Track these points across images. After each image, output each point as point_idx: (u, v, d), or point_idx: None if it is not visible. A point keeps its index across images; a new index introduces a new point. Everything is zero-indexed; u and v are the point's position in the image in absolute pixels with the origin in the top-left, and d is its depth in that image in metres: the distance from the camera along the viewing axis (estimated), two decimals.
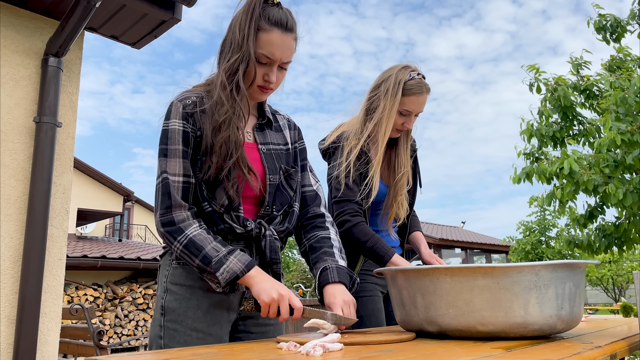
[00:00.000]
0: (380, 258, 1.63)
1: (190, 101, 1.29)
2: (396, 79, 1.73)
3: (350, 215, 1.69)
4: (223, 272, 1.16)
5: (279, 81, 1.32)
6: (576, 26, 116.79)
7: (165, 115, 1.30)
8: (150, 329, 1.29)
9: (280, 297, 1.14)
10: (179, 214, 1.22)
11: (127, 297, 10.19)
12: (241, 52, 1.24)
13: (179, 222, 1.21)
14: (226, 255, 1.18)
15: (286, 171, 1.38)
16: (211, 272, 1.17)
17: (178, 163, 1.24)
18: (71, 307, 3.85)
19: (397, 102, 1.72)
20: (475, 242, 18.67)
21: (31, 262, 2.34)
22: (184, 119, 1.26)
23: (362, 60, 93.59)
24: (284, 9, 1.28)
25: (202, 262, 1.18)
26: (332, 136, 1.85)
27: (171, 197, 1.22)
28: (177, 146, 1.25)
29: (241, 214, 1.28)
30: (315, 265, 1.36)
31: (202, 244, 1.19)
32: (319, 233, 1.41)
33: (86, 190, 16.41)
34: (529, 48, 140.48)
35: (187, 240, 1.19)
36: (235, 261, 1.17)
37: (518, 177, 5.17)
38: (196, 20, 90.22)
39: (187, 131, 1.26)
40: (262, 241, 1.29)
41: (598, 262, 1.19)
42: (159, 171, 1.26)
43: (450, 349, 0.91)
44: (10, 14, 2.52)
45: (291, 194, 1.39)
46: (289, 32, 1.27)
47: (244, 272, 1.17)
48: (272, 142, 1.39)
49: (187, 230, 1.20)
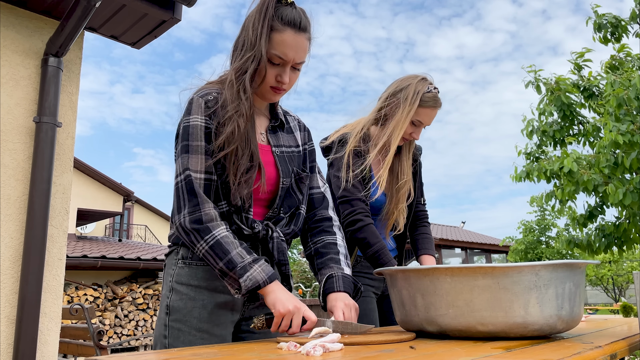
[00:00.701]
0: (380, 266, 1.65)
1: (211, 97, 1.27)
2: (415, 89, 1.76)
3: (363, 215, 1.71)
4: (246, 279, 1.14)
5: (292, 82, 1.30)
6: (576, 26, 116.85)
7: (185, 111, 1.27)
8: (155, 329, 1.28)
9: (295, 310, 1.13)
10: (208, 213, 1.19)
11: (127, 297, 10.19)
12: (253, 51, 1.23)
13: (207, 221, 1.19)
14: (251, 263, 1.16)
15: (298, 174, 1.37)
16: (233, 277, 1.15)
17: (200, 160, 1.22)
18: (71, 307, 3.85)
19: (414, 110, 1.76)
20: (475, 242, 18.67)
21: (31, 262, 2.34)
22: (207, 115, 1.24)
23: (362, 60, 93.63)
24: (297, 9, 1.27)
25: (227, 266, 1.15)
26: (335, 135, 1.85)
27: (198, 194, 1.20)
28: (199, 142, 1.23)
29: (250, 216, 1.27)
30: (320, 270, 1.36)
31: (228, 248, 1.17)
32: (325, 238, 1.40)
33: (86, 190, 16.41)
34: (529, 48, 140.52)
35: (214, 242, 1.17)
36: (259, 270, 1.16)
37: (519, 176, 5.17)
38: (196, 20, 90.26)
39: (209, 127, 1.24)
40: (269, 243, 1.29)
41: (598, 262, 1.19)
42: (180, 168, 1.23)
43: (450, 349, 0.91)
44: (10, 14, 2.52)
45: (300, 197, 1.38)
46: (302, 32, 1.25)
47: (266, 283, 1.15)
48: (285, 145, 1.38)
49: (214, 230, 1.18)
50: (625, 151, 4.29)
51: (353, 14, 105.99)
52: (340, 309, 1.24)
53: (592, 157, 4.56)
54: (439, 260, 17.32)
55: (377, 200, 1.83)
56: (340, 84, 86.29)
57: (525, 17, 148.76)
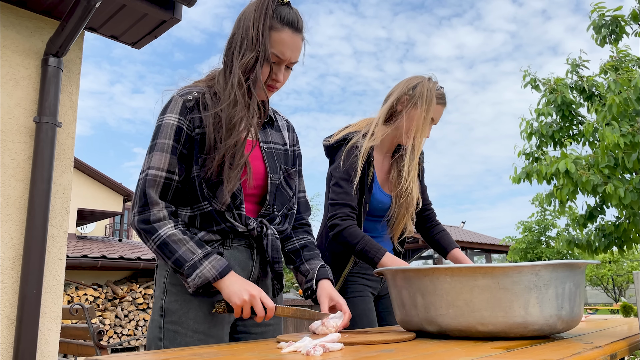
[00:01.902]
0: (370, 259, 1.64)
1: (191, 96, 1.26)
2: (429, 87, 1.77)
3: (340, 219, 1.70)
4: (195, 277, 1.15)
5: (284, 80, 1.32)
6: (576, 26, 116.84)
7: (161, 110, 1.27)
8: (148, 331, 1.26)
9: (251, 298, 1.15)
10: (156, 213, 1.19)
11: (127, 297, 10.19)
12: (256, 50, 1.23)
13: (154, 221, 1.19)
14: (201, 259, 1.16)
15: (286, 171, 1.38)
16: (183, 275, 1.17)
17: (164, 158, 1.22)
18: (71, 307, 3.86)
19: (433, 107, 1.77)
20: (475, 242, 18.66)
21: (31, 262, 2.34)
22: (182, 114, 1.24)
23: (362, 60, 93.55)
24: (294, 9, 1.28)
25: (175, 264, 1.16)
26: (339, 135, 1.84)
27: (148, 195, 1.20)
28: (166, 141, 1.22)
29: (243, 213, 1.27)
30: (309, 260, 1.40)
31: (175, 246, 1.17)
32: (309, 237, 1.47)
33: (86, 190, 16.41)
34: (529, 48, 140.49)
35: (160, 241, 1.17)
36: (209, 267, 1.16)
37: (518, 177, 5.17)
38: (196, 20, 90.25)
39: (181, 127, 1.24)
40: (263, 240, 1.29)
41: (598, 262, 1.19)
42: (143, 167, 1.24)
43: (450, 349, 0.91)
44: (10, 14, 2.52)
45: (290, 194, 1.39)
46: (299, 32, 1.28)
47: (216, 279, 1.16)
48: (273, 142, 1.39)
49: (161, 230, 1.18)
50: (625, 152, 4.29)
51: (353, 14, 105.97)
52: (337, 301, 1.30)
53: (591, 157, 4.56)
54: (438, 260, 17.34)
55: (380, 201, 1.82)
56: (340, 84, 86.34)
57: (525, 17, 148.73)
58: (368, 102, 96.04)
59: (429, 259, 17.54)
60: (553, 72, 6.71)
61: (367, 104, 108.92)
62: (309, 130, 67.72)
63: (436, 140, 67.77)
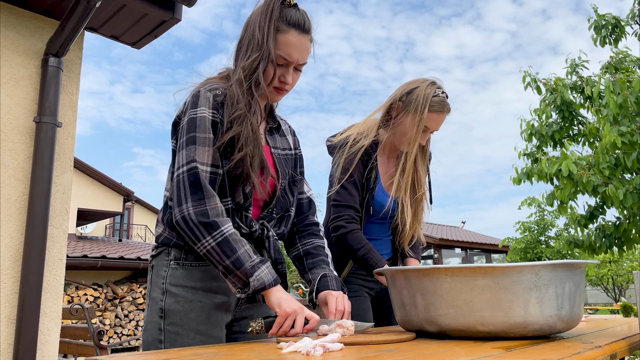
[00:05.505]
0: (370, 268, 1.64)
1: (219, 92, 1.26)
2: (424, 94, 1.69)
3: (345, 222, 1.70)
4: (255, 279, 1.12)
5: (294, 83, 1.31)
6: (576, 26, 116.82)
7: (191, 104, 1.24)
8: (145, 333, 1.23)
9: (300, 310, 1.13)
10: (214, 207, 1.15)
11: (127, 297, 10.19)
12: (260, 51, 1.23)
13: (214, 215, 1.15)
14: (258, 263, 1.14)
15: (292, 177, 1.38)
16: (239, 276, 1.13)
17: (208, 152, 1.19)
18: (71, 307, 3.86)
19: (425, 118, 1.68)
20: (475, 242, 18.66)
21: (31, 262, 2.34)
22: (214, 109, 1.23)
23: (362, 60, 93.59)
24: (300, 11, 1.27)
25: (234, 264, 1.12)
26: (343, 135, 1.83)
27: (204, 187, 1.16)
28: (207, 134, 1.20)
29: (249, 215, 1.27)
30: (312, 269, 1.37)
31: (236, 246, 1.14)
32: (315, 240, 1.43)
33: (86, 190, 16.41)
34: (529, 47, 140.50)
35: (222, 238, 1.13)
36: (266, 272, 1.14)
37: (518, 178, 5.18)
38: (196, 20, 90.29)
39: (216, 121, 1.22)
40: (265, 242, 1.29)
41: (598, 262, 1.19)
42: (184, 160, 1.19)
43: (450, 349, 0.91)
44: (10, 14, 2.52)
45: (290, 199, 1.39)
46: (306, 33, 1.27)
47: (271, 285, 1.14)
48: (280, 147, 1.39)
49: (223, 226, 1.14)
50: (625, 152, 4.29)
51: (353, 14, 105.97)
52: (334, 296, 1.27)
53: (591, 157, 4.56)
54: (438, 260, 17.32)
55: (382, 204, 1.80)
56: (340, 84, 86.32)
57: (525, 16, 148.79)
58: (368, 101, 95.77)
59: (429, 259, 17.55)
60: (554, 72, 6.69)
61: (367, 104, 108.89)
62: (309, 130, 67.72)
63: (436, 140, 67.52)
